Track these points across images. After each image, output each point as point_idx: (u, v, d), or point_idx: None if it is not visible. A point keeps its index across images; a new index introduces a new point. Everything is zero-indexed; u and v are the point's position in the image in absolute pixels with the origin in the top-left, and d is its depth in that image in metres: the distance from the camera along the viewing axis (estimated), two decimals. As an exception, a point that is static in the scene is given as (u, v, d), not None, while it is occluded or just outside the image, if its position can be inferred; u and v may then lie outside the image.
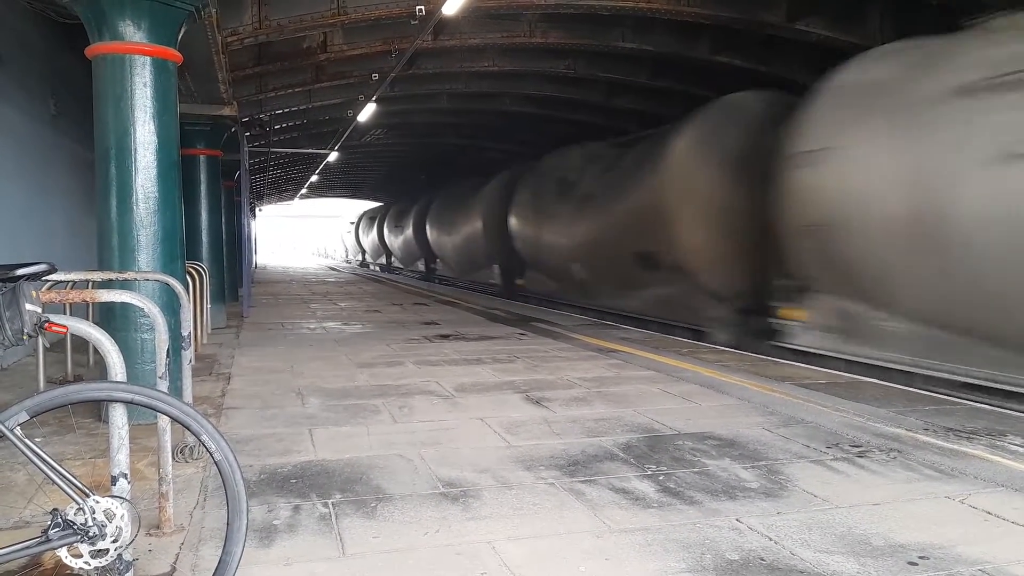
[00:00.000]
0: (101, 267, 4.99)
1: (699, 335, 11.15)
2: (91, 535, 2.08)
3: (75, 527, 2.07)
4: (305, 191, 39.53)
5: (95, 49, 5.04)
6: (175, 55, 5.31)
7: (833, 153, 8.25)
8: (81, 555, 2.09)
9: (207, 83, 9.30)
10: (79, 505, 2.09)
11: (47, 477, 2.10)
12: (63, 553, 2.09)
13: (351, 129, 17.55)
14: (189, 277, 6.95)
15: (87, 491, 2.11)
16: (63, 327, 2.27)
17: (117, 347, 2.28)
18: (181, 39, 5.45)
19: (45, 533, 2.07)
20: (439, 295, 18.31)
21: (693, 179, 11.21)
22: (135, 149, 5.04)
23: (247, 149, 14.72)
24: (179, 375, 4.12)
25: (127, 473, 2.25)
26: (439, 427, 5.04)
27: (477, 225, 21.63)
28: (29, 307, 2.19)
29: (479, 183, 22.45)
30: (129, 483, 2.25)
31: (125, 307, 4.87)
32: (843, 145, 8.16)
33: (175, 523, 3.21)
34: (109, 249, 5.07)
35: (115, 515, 2.11)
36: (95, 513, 2.09)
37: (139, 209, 5.06)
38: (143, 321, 4.92)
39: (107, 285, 4.28)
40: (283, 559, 2.95)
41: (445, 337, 9.88)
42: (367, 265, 45.43)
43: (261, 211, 44.93)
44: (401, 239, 33.15)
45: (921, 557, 2.99)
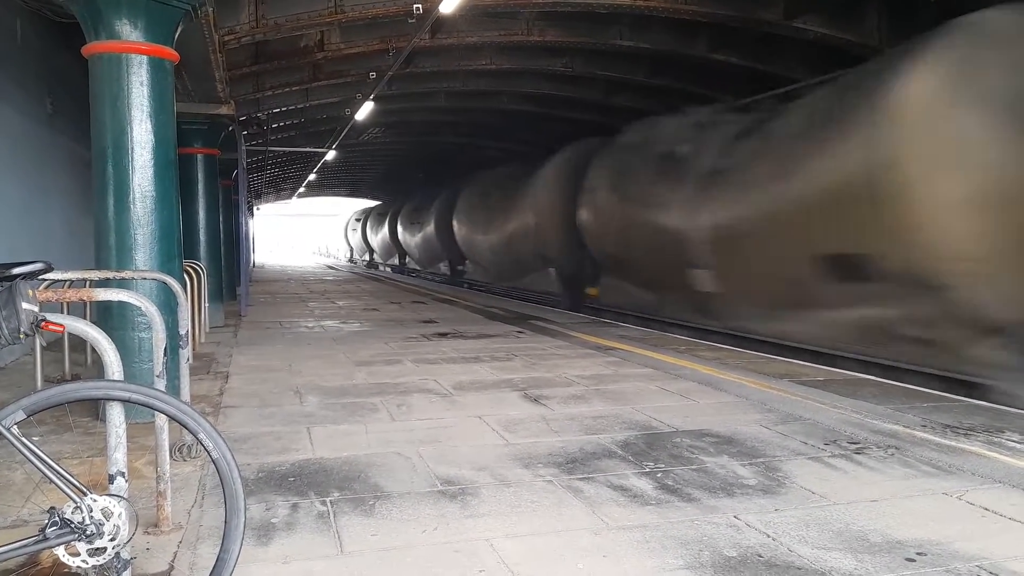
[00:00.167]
0: (98, 266, 4.98)
1: (699, 334, 10.65)
2: (89, 534, 2.08)
3: (73, 526, 2.08)
4: (303, 190, 39.51)
5: (92, 48, 5.04)
6: (172, 54, 5.30)
7: None
8: (79, 553, 2.09)
9: (204, 82, 9.29)
10: (77, 504, 2.09)
11: (44, 476, 2.10)
12: (61, 552, 2.10)
13: (349, 128, 17.55)
14: (187, 276, 6.95)
15: (85, 490, 2.11)
16: (60, 326, 2.27)
17: (114, 346, 2.28)
18: (178, 38, 5.45)
19: (43, 532, 2.07)
20: (436, 293, 18.24)
21: (954, 133, 7.32)
22: (132, 148, 5.04)
23: (244, 148, 14.70)
24: (177, 374, 4.12)
25: (125, 472, 2.25)
26: (437, 425, 5.04)
27: (526, 218, 17.56)
28: (26, 306, 2.19)
29: (527, 169, 18.52)
30: (127, 481, 2.26)
31: (122, 306, 4.87)
32: None
33: (173, 521, 3.21)
34: (106, 248, 5.07)
35: (113, 513, 2.11)
36: (93, 512, 2.09)
37: (136, 208, 5.06)
38: (140, 320, 4.91)
39: (104, 284, 4.27)
40: (281, 557, 2.96)
41: (443, 335, 9.88)
42: (376, 266, 41.17)
43: (259, 210, 44.89)
44: (419, 237, 28.76)
45: (919, 553, 3.00)
